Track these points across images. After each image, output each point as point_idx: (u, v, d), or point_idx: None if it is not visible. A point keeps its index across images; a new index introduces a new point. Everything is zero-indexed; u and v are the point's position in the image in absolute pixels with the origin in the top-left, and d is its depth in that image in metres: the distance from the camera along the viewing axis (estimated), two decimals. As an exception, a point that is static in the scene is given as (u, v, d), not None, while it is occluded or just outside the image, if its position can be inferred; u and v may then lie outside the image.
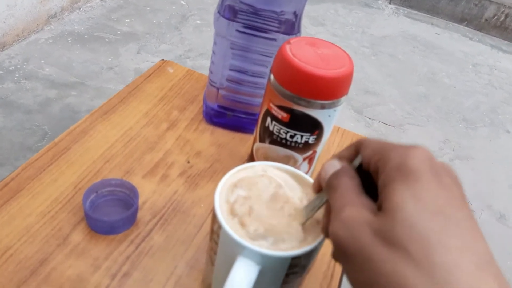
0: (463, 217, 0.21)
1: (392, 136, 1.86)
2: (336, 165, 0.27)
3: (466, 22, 3.01)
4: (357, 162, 0.27)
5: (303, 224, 0.30)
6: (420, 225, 0.20)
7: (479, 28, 3.00)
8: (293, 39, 0.41)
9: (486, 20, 2.96)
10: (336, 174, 0.27)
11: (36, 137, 1.44)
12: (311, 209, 0.30)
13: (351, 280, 0.23)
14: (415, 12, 3.04)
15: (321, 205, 0.29)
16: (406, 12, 3.03)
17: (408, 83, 2.25)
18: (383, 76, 2.26)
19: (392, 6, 3.06)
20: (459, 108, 2.15)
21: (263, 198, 0.31)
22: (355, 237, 0.22)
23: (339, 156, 0.28)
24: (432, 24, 2.96)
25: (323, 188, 0.28)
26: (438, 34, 2.85)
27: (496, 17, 2.93)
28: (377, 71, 2.29)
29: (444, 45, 2.72)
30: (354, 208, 0.23)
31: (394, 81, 2.24)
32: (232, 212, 0.30)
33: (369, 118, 1.93)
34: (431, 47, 2.65)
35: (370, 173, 0.26)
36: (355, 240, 0.22)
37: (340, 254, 0.23)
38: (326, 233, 0.27)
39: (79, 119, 0.55)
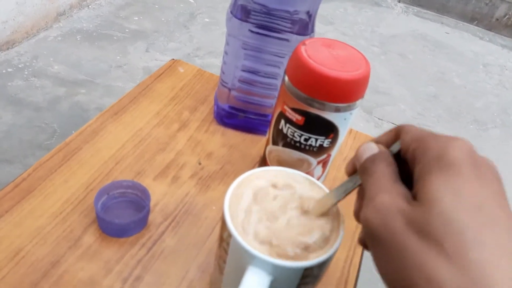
0: (502, 215, 0.20)
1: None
2: (373, 148, 0.26)
3: (476, 21, 2.97)
4: (395, 148, 0.26)
5: (332, 207, 0.30)
6: (457, 220, 0.20)
7: (490, 27, 2.96)
8: (308, 40, 0.40)
9: (497, 19, 2.92)
10: (372, 159, 0.26)
11: (45, 134, 1.45)
12: (343, 191, 0.29)
13: (379, 268, 0.22)
14: (425, 11, 3.01)
15: (354, 188, 0.28)
16: (415, 11, 3.00)
17: (418, 83, 2.23)
18: (392, 75, 2.24)
19: (402, 5, 3.03)
20: (469, 109, 2.12)
21: (275, 204, 0.31)
22: (387, 225, 0.21)
23: (377, 140, 0.27)
24: (442, 23, 2.93)
25: (358, 171, 0.27)
26: (448, 33, 2.82)
27: (507, 16, 2.89)
28: (387, 70, 2.27)
29: (454, 45, 2.69)
30: (388, 195, 0.23)
31: (403, 80, 2.22)
32: (243, 220, 0.30)
33: (379, 119, 1.91)
34: (441, 47, 2.63)
35: (406, 162, 0.25)
36: (388, 227, 0.21)
37: (371, 240, 0.23)
38: (357, 218, 0.27)
39: (88, 117, 0.55)
